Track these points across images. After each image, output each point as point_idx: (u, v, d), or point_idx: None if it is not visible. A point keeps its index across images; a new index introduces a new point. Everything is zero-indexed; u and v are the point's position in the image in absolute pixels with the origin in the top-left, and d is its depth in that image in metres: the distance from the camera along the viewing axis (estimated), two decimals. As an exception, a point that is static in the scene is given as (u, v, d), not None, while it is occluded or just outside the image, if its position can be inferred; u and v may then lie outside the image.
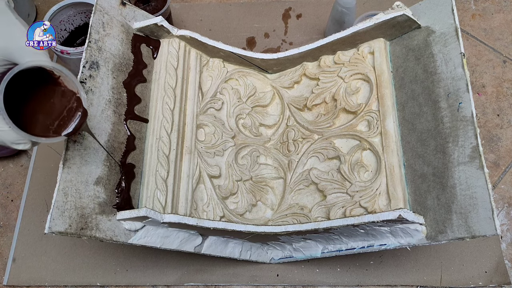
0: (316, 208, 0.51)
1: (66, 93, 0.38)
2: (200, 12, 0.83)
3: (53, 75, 0.37)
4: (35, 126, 0.37)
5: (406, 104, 0.49)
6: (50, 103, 0.38)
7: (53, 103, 0.38)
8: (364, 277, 0.62)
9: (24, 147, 0.37)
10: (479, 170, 0.40)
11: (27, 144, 0.37)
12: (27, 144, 0.37)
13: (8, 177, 0.72)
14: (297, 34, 0.80)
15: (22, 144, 0.37)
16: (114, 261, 0.64)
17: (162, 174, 0.49)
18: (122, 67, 0.50)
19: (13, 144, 0.36)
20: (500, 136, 0.71)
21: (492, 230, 0.38)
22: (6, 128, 0.35)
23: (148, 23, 0.53)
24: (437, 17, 0.48)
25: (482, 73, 0.75)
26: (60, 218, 0.39)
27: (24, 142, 0.36)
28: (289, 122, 0.59)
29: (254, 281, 0.63)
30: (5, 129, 0.35)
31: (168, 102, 0.52)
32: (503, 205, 0.66)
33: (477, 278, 0.61)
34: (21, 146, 0.37)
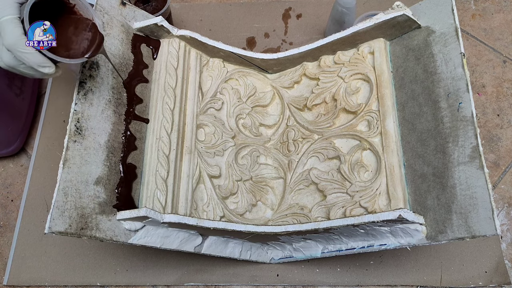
0: (316, 208, 0.51)
1: (82, 20, 0.41)
2: (200, 12, 0.83)
3: (69, 4, 0.41)
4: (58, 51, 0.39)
5: (406, 104, 0.49)
6: (69, 30, 0.41)
7: (71, 29, 0.41)
8: (364, 277, 0.62)
9: (49, 70, 0.39)
10: (479, 170, 0.40)
11: (52, 67, 0.39)
12: (52, 67, 0.39)
13: (8, 177, 0.72)
14: (297, 34, 0.80)
15: (47, 68, 0.39)
16: (114, 261, 0.64)
17: (162, 174, 0.49)
18: (122, 67, 0.50)
19: (39, 67, 0.38)
20: (500, 136, 0.71)
21: (492, 230, 0.38)
22: (32, 51, 0.37)
23: (148, 23, 0.53)
24: (437, 17, 0.48)
25: (482, 73, 0.75)
26: (60, 218, 0.39)
27: (49, 65, 0.39)
28: (289, 122, 0.59)
29: (254, 281, 0.63)
30: (32, 52, 0.37)
31: (168, 102, 0.52)
32: (503, 205, 0.66)
33: (477, 278, 0.61)
34: (46, 70, 0.39)
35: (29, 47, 0.37)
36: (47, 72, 0.39)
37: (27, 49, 0.37)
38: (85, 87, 0.45)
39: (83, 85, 0.45)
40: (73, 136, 0.43)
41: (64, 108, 0.74)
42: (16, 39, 0.36)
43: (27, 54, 0.37)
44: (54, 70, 0.40)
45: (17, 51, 0.37)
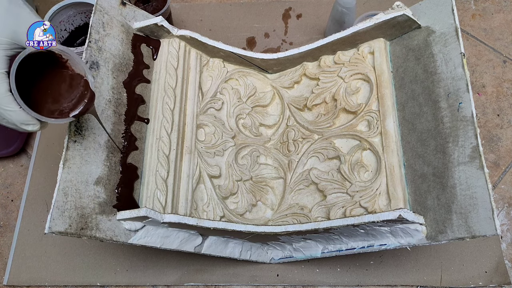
0: (316, 208, 0.51)
1: (74, 76, 0.39)
2: (200, 12, 0.83)
3: (61, 59, 0.39)
4: (44, 108, 0.38)
5: (406, 104, 0.49)
6: (59, 86, 0.39)
7: (61, 86, 0.39)
8: (364, 277, 0.62)
9: (33, 128, 0.38)
10: (479, 170, 0.40)
11: (36, 125, 0.38)
12: (36, 125, 0.38)
13: (8, 177, 0.72)
14: (297, 34, 0.80)
15: (31, 125, 0.38)
16: (114, 261, 0.64)
17: (162, 174, 0.49)
18: (122, 67, 0.50)
19: (22, 125, 0.37)
20: (500, 136, 0.71)
21: (492, 230, 0.38)
22: (16, 108, 0.36)
23: (148, 23, 0.53)
24: (437, 17, 0.48)
25: (482, 73, 0.75)
26: (60, 218, 0.39)
27: (33, 123, 0.38)
28: (289, 122, 0.59)
29: (254, 281, 0.63)
30: (15, 110, 0.36)
31: (168, 102, 0.52)
32: (503, 205, 0.66)
33: (477, 278, 0.61)
34: (30, 127, 0.38)
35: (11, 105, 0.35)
36: (30, 129, 0.38)
37: (10, 107, 0.35)
38: (85, 87, 0.45)
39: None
40: (73, 136, 0.43)
41: (64, 108, 0.74)
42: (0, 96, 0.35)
43: (10, 112, 0.36)
44: (38, 127, 0.38)
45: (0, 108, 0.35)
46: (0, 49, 0.36)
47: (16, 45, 0.37)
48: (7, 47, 0.36)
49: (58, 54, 0.38)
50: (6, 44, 0.36)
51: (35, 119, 0.37)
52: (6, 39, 0.36)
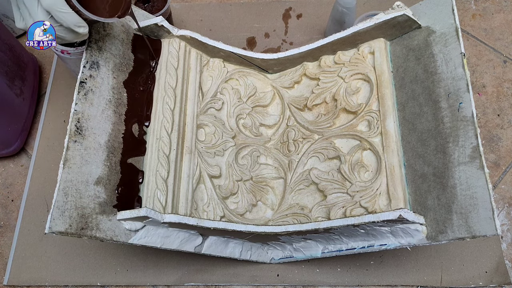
0: (316, 208, 0.51)
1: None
2: (200, 12, 0.83)
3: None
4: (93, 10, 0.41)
5: (406, 104, 0.49)
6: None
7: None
8: (365, 277, 0.62)
9: (83, 30, 0.41)
10: (480, 170, 0.40)
11: (86, 27, 0.41)
12: (86, 27, 0.41)
13: (8, 177, 0.72)
14: (297, 34, 0.80)
15: (82, 28, 0.40)
16: (114, 261, 0.64)
17: (163, 174, 0.49)
18: (122, 67, 0.50)
19: (75, 26, 0.40)
20: (500, 136, 0.71)
21: (493, 230, 0.38)
22: (70, 10, 0.39)
23: (149, 23, 0.53)
24: (437, 17, 0.48)
25: (482, 73, 0.75)
26: (61, 218, 0.39)
27: (84, 25, 0.40)
28: (290, 122, 0.59)
29: (254, 281, 0.63)
30: (69, 11, 0.39)
31: (168, 102, 0.52)
32: (504, 205, 0.66)
33: (477, 278, 0.61)
34: (81, 30, 0.40)
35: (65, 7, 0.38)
36: (81, 31, 0.41)
37: (65, 8, 0.38)
38: (85, 87, 0.45)
39: (84, 85, 0.45)
40: (74, 136, 0.43)
41: (64, 108, 0.74)
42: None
43: (65, 14, 0.38)
44: (87, 30, 0.41)
45: (56, 11, 0.38)
46: None
47: None
48: None
49: None
50: None
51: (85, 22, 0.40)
52: None
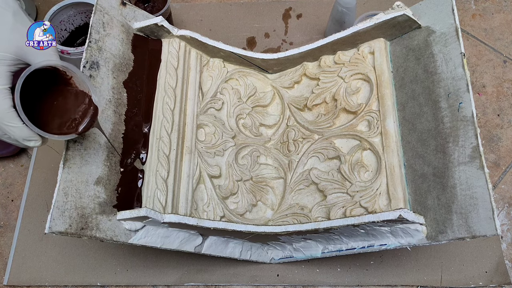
0: (316, 208, 0.51)
1: (78, 93, 0.39)
2: (200, 12, 0.83)
3: (65, 75, 0.38)
4: (47, 124, 0.38)
5: (406, 104, 0.49)
6: (62, 103, 0.39)
7: (65, 102, 0.39)
8: (365, 277, 0.62)
9: (34, 144, 0.37)
10: (480, 170, 0.40)
11: (38, 141, 0.38)
12: (38, 141, 0.38)
13: (8, 177, 0.72)
14: (297, 34, 0.80)
15: (33, 141, 0.37)
16: (114, 261, 0.64)
17: (163, 174, 0.49)
18: (122, 67, 0.50)
19: (24, 140, 0.37)
20: (500, 136, 0.71)
21: (493, 230, 0.38)
22: (19, 124, 0.35)
23: (149, 23, 0.53)
24: (437, 17, 0.48)
25: (482, 73, 0.75)
26: (61, 218, 0.39)
27: (35, 139, 0.37)
28: (290, 122, 0.59)
29: (254, 281, 0.63)
30: (18, 126, 0.35)
31: (168, 102, 0.52)
32: (504, 205, 0.66)
33: (477, 278, 0.61)
34: (32, 143, 0.37)
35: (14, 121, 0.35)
36: (32, 145, 0.38)
37: (13, 122, 0.35)
38: (85, 87, 0.45)
39: (83, 85, 0.45)
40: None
41: (64, 108, 0.74)
42: (3, 112, 0.35)
43: (13, 128, 0.35)
44: (40, 143, 0.38)
45: (3, 124, 0.35)
46: (4, 65, 0.36)
47: (20, 61, 0.37)
48: (11, 63, 0.36)
49: (63, 71, 0.38)
50: (10, 60, 0.36)
51: (37, 135, 0.37)
52: (11, 55, 0.36)
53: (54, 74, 0.38)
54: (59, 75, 0.38)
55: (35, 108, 0.37)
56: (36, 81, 0.36)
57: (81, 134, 0.39)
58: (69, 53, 0.63)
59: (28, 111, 0.35)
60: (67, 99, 0.39)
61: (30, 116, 0.35)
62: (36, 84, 0.37)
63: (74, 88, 0.39)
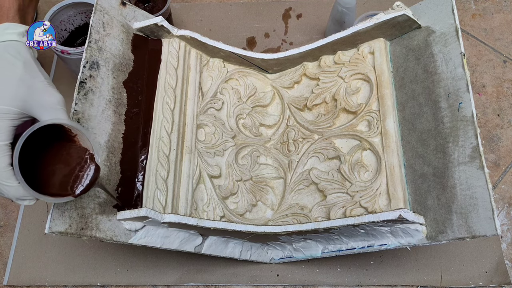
0: (316, 208, 0.51)
1: (80, 150, 0.38)
2: (200, 12, 0.83)
3: (70, 132, 0.37)
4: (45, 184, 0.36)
5: (406, 104, 0.49)
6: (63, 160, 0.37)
7: (66, 160, 0.37)
8: (364, 277, 0.62)
9: (29, 203, 0.36)
10: (480, 170, 0.40)
11: (32, 200, 0.36)
12: (32, 200, 0.36)
13: (8, 177, 0.71)
14: (297, 34, 0.80)
15: (27, 201, 0.36)
16: (114, 261, 0.64)
17: (162, 174, 0.49)
18: (122, 67, 0.50)
19: (18, 200, 0.35)
20: (500, 136, 0.71)
21: (492, 230, 0.38)
22: (15, 184, 0.34)
23: (148, 23, 0.53)
24: (437, 17, 0.48)
25: (482, 73, 0.75)
26: (60, 218, 0.39)
27: (30, 198, 0.36)
28: (289, 122, 0.59)
29: (254, 281, 0.63)
30: (14, 185, 0.34)
31: (168, 102, 0.52)
32: (504, 205, 0.66)
33: (477, 278, 0.61)
34: (26, 202, 0.36)
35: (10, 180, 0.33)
36: (25, 204, 0.36)
37: (9, 182, 0.33)
38: (85, 87, 0.45)
39: (83, 85, 0.45)
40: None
41: (64, 108, 0.74)
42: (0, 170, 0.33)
43: (8, 187, 0.34)
44: (34, 202, 0.36)
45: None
46: (7, 119, 0.34)
47: (24, 115, 0.35)
48: (15, 117, 0.35)
49: (68, 128, 0.37)
50: (14, 114, 0.35)
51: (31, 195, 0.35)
52: (15, 109, 0.35)
53: (58, 129, 0.36)
54: (63, 131, 0.37)
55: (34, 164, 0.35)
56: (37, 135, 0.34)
57: (78, 196, 0.37)
58: (69, 53, 0.63)
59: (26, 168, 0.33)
60: (69, 156, 0.37)
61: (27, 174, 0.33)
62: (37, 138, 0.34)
63: (77, 145, 0.38)
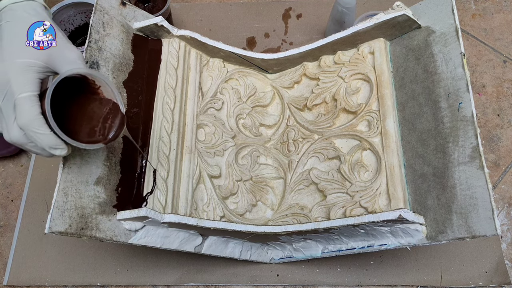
0: (316, 208, 0.51)
1: (105, 101, 0.39)
2: (200, 12, 0.83)
3: (94, 84, 0.38)
4: (75, 132, 0.37)
5: (406, 104, 0.49)
6: (90, 111, 0.38)
7: (92, 111, 0.38)
8: (364, 277, 0.62)
9: (60, 152, 0.36)
10: (479, 170, 0.40)
11: (64, 149, 0.37)
12: (64, 149, 0.37)
13: (8, 177, 0.72)
14: (297, 34, 0.80)
15: (59, 150, 0.36)
16: (114, 261, 0.64)
17: (162, 174, 0.49)
18: (122, 67, 0.50)
19: (51, 149, 0.36)
20: (500, 136, 0.71)
21: (492, 230, 0.38)
22: (47, 132, 0.35)
23: (148, 23, 0.53)
24: (437, 17, 0.48)
25: (482, 73, 0.75)
26: (60, 218, 0.39)
27: (62, 147, 0.36)
28: (289, 122, 0.59)
29: (254, 281, 0.63)
30: (46, 133, 0.35)
31: (168, 102, 0.52)
32: (503, 205, 0.66)
33: (477, 278, 0.61)
34: (58, 152, 0.36)
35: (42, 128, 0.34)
36: (58, 154, 0.36)
37: (41, 129, 0.34)
38: (85, 87, 0.45)
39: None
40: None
41: (64, 108, 0.74)
42: (32, 119, 0.34)
43: (40, 135, 0.35)
44: (66, 152, 0.37)
45: (31, 131, 0.34)
46: (34, 72, 0.36)
47: (48, 69, 0.37)
48: (40, 70, 0.36)
49: (91, 80, 0.38)
50: (39, 67, 0.36)
51: (64, 143, 0.36)
52: (40, 62, 0.36)
53: (81, 83, 0.37)
54: (87, 83, 0.38)
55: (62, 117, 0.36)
56: (63, 90, 0.36)
57: (109, 143, 0.39)
58: (69, 53, 0.63)
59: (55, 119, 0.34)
60: (95, 108, 0.38)
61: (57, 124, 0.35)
62: (63, 92, 0.36)
63: (101, 97, 0.39)
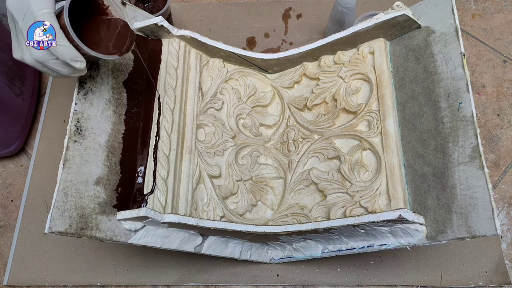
0: (316, 208, 0.51)
1: (114, 20, 0.43)
2: (200, 12, 0.83)
3: (103, 5, 0.42)
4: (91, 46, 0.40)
5: (406, 104, 0.49)
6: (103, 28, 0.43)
7: (105, 28, 0.43)
8: (364, 277, 0.62)
9: (80, 65, 0.39)
10: (479, 170, 0.40)
11: (83, 62, 0.39)
12: (83, 62, 0.39)
13: (8, 177, 0.72)
14: (297, 34, 0.80)
15: (79, 62, 0.39)
16: (114, 261, 0.64)
17: (162, 174, 0.49)
18: (122, 67, 0.50)
19: (72, 61, 0.38)
20: (500, 136, 0.71)
21: (492, 230, 0.38)
22: (68, 44, 0.38)
23: (148, 23, 0.53)
24: (437, 17, 0.48)
25: (482, 73, 0.75)
26: (60, 218, 0.39)
27: (81, 60, 0.39)
28: (289, 122, 0.59)
29: (254, 281, 0.63)
30: (67, 45, 0.38)
31: (168, 102, 0.52)
32: (503, 205, 0.66)
33: (477, 278, 0.61)
34: (78, 64, 0.39)
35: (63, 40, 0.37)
36: (78, 66, 0.39)
37: (62, 41, 0.37)
38: (85, 87, 0.45)
39: (83, 85, 0.45)
40: (73, 136, 0.43)
41: (64, 108, 0.74)
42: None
43: (62, 47, 0.37)
44: (85, 65, 0.39)
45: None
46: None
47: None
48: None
49: (100, 1, 0.42)
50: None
51: (82, 56, 0.39)
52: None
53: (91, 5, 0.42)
54: (97, 5, 0.42)
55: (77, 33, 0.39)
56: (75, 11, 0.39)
57: (122, 54, 0.43)
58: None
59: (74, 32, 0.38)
60: (107, 26, 0.43)
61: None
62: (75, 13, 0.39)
63: (111, 16, 0.43)
